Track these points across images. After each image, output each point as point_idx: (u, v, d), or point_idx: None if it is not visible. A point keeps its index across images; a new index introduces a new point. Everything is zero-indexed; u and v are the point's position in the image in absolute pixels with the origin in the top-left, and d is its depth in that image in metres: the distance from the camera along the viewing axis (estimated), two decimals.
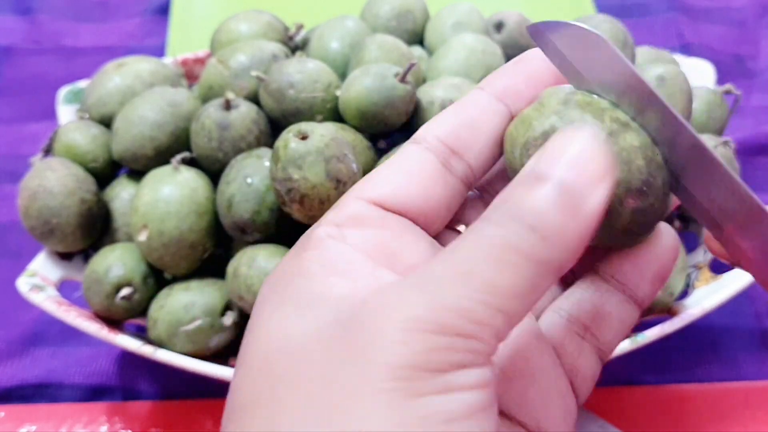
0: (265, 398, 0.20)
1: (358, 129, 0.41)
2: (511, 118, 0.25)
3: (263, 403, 0.20)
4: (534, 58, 0.25)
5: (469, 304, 0.19)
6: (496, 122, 0.25)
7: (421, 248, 0.24)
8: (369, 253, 0.23)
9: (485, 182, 0.27)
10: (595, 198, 0.20)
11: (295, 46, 0.48)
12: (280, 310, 0.22)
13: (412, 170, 0.24)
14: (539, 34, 0.25)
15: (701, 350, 0.46)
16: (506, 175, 0.25)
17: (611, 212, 0.22)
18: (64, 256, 0.43)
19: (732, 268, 0.41)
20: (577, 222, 0.20)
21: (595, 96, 0.23)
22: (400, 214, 0.24)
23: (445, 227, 0.25)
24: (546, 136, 0.23)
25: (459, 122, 0.25)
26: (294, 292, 0.22)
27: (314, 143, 0.36)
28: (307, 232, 0.24)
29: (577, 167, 0.20)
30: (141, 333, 0.42)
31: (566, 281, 0.25)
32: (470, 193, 0.26)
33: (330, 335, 0.20)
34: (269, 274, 0.24)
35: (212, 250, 0.41)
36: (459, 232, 0.26)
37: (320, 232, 0.23)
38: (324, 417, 0.19)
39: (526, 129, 0.23)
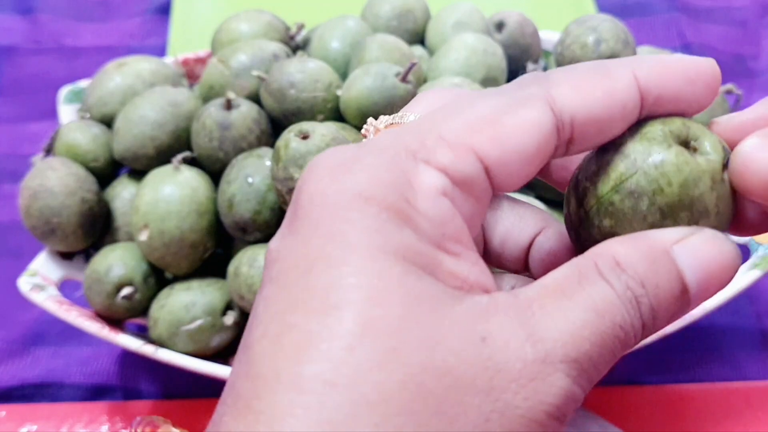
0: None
1: (359, 128, 0.41)
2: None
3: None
4: (704, 78, 0.21)
5: (581, 395, 0.18)
6: (619, 130, 0.21)
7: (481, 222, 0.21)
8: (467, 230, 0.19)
9: None
10: (691, 308, 0.20)
11: (295, 45, 0.48)
12: (383, 270, 0.17)
13: (538, 151, 0.20)
14: None
15: (702, 350, 0.46)
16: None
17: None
18: (65, 256, 0.43)
19: None
20: (671, 321, 0.20)
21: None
22: (497, 188, 0.20)
23: None
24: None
25: (597, 119, 0.20)
26: (400, 251, 0.18)
27: (315, 143, 0.36)
28: (406, 155, 0.19)
29: (706, 285, 0.20)
30: (142, 332, 0.42)
31: None
32: None
33: (475, 367, 0.17)
34: (328, 170, 0.19)
35: (213, 249, 0.41)
36: None
37: (433, 179, 0.18)
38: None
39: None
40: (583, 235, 0.22)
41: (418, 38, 0.50)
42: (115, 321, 0.41)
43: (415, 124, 0.20)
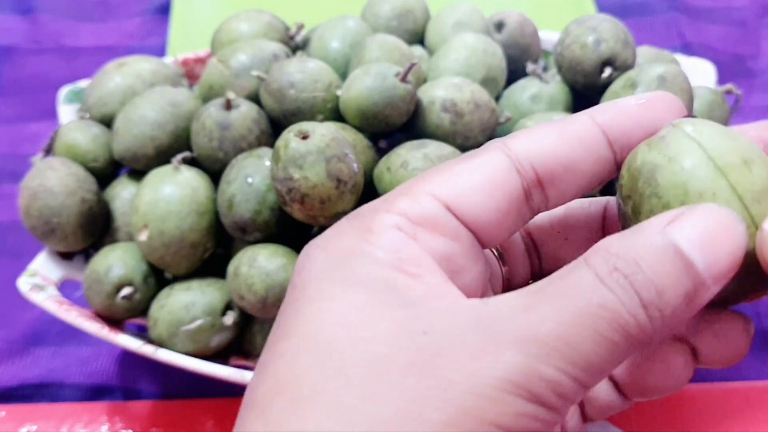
0: (314, 384, 0.19)
1: (359, 129, 0.41)
2: (615, 165, 0.23)
3: (309, 389, 0.19)
4: (661, 100, 0.23)
5: (562, 378, 0.18)
6: (595, 170, 0.22)
7: (479, 270, 0.23)
8: (438, 262, 0.21)
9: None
10: (712, 292, 0.19)
11: (295, 45, 0.48)
12: (345, 291, 0.20)
13: (495, 185, 0.22)
14: None
15: None
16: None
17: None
18: (65, 256, 0.43)
19: None
20: (687, 311, 0.19)
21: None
22: (469, 227, 0.22)
23: None
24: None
25: (558, 156, 0.22)
26: (358, 275, 0.20)
27: (315, 143, 0.36)
28: (369, 211, 0.22)
29: (713, 257, 0.19)
30: (142, 333, 0.42)
31: None
32: None
33: (412, 352, 0.19)
34: (314, 244, 0.22)
35: (213, 249, 0.41)
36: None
37: (389, 220, 0.21)
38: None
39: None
40: None
41: (418, 38, 0.50)
42: (114, 321, 0.41)
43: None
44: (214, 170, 0.41)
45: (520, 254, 0.26)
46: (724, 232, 0.19)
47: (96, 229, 0.42)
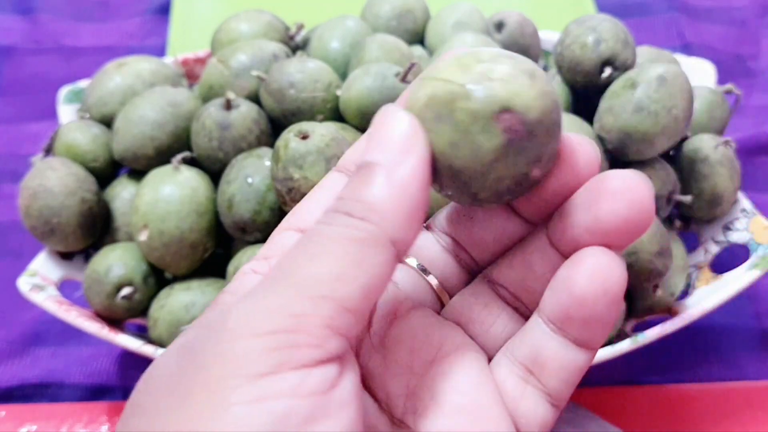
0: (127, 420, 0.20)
1: (359, 128, 0.41)
2: None
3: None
4: None
5: (281, 300, 0.19)
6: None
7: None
8: None
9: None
10: (405, 168, 0.20)
11: (295, 45, 0.48)
12: (182, 338, 0.22)
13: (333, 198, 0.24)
14: None
15: (702, 350, 0.46)
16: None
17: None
18: (65, 256, 0.43)
19: (732, 268, 0.41)
20: (389, 191, 0.20)
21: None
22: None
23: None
24: None
25: None
26: (200, 323, 0.22)
27: (315, 143, 0.36)
28: None
29: (381, 145, 0.21)
30: (142, 333, 0.42)
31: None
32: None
33: (186, 354, 0.20)
34: None
35: (213, 249, 0.41)
36: (405, 263, 0.25)
37: (246, 267, 0.23)
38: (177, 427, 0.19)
39: None
40: None
41: (418, 38, 0.50)
42: (114, 321, 0.41)
43: None
44: (214, 170, 0.41)
45: (439, 258, 0.26)
46: (383, 121, 0.21)
47: (96, 229, 0.42)
